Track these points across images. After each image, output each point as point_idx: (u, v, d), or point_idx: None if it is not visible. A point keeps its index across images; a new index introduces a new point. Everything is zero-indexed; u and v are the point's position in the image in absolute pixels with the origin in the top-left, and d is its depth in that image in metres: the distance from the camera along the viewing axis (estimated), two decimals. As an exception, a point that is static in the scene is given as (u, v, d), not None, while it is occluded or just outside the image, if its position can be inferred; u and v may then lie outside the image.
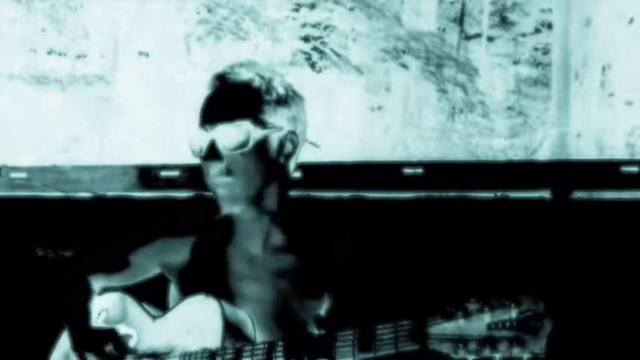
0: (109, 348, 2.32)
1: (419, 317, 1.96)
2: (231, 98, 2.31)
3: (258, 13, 3.54)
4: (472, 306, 1.92)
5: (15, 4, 3.66)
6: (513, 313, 1.89)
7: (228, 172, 2.29)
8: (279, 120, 2.32)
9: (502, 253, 3.21)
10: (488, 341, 1.89)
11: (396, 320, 2.00)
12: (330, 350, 2.05)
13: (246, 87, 2.32)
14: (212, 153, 2.28)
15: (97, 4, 3.63)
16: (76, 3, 3.64)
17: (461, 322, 1.92)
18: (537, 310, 1.88)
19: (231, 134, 2.28)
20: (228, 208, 2.33)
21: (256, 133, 2.29)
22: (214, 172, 2.29)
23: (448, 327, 1.93)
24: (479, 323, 1.90)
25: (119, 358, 2.32)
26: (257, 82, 2.33)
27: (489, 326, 1.90)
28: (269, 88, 2.33)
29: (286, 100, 2.35)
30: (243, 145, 2.28)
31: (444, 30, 3.47)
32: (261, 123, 2.30)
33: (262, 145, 2.30)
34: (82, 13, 3.64)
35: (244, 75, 2.34)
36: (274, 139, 2.32)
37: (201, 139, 2.31)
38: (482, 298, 1.92)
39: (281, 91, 2.35)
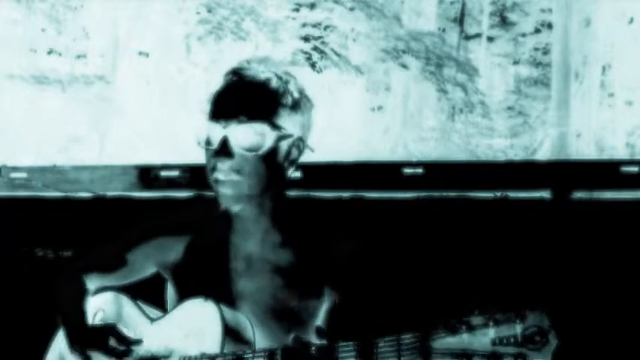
0: (112, 342, 2.30)
1: (422, 331, 1.94)
2: (249, 97, 2.30)
3: (259, 13, 3.54)
4: (476, 320, 1.89)
5: (15, 4, 3.66)
6: (518, 329, 1.86)
7: (237, 171, 2.27)
8: (291, 126, 2.32)
9: (502, 253, 3.21)
10: (493, 357, 1.87)
11: (397, 329, 1.98)
12: None
13: (263, 87, 2.30)
14: (224, 150, 2.26)
15: (97, 4, 3.63)
16: (76, 3, 3.64)
17: (465, 336, 1.89)
18: (542, 326, 1.86)
19: (246, 135, 2.26)
20: (229, 205, 2.33)
21: (270, 138, 2.28)
22: (222, 167, 2.27)
23: (452, 341, 1.90)
24: (483, 338, 1.88)
25: (125, 351, 2.31)
26: (274, 83, 2.32)
27: (494, 342, 1.87)
28: (285, 92, 2.32)
29: (299, 105, 2.34)
30: (257, 148, 2.27)
31: (444, 30, 3.47)
32: (276, 128, 2.29)
33: (274, 150, 2.30)
34: (82, 13, 3.64)
35: (262, 74, 2.32)
36: (284, 145, 2.31)
37: (213, 132, 2.29)
38: (487, 312, 1.89)
39: (296, 95, 2.33)
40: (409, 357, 1.95)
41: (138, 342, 2.32)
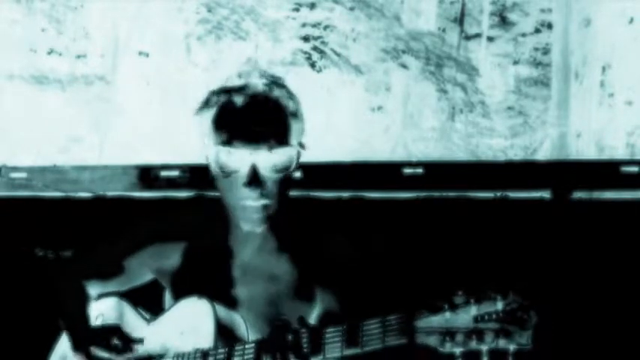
0: (115, 340, 2.32)
1: (406, 311, 1.96)
2: (265, 118, 2.24)
3: (259, 12, 3.54)
4: (459, 299, 1.93)
5: (15, 4, 3.66)
6: (499, 305, 1.89)
7: (267, 195, 2.25)
8: (298, 134, 2.29)
9: (502, 253, 3.21)
10: (475, 333, 1.89)
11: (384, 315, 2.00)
12: (318, 346, 2.06)
13: (270, 102, 2.25)
14: (255, 178, 2.21)
15: (97, 4, 3.63)
16: (76, 3, 3.64)
17: (447, 314, 1.92)
18: (523, 302, 1.88)
19: (275, 160, 2.23)
20: (254, 228, 2.31)
21: (295, 158, 2.26)
22: (253, 195, 2.23)
23: (435, 320, 1.93)
24: (465, 316, 1.91)
25: (127, 349, 2.32)
26: (276, 93, 2.27)
27: (476, 318, 1.90)
28: (286, 100, 2.27)
29: (297, 109, 2.31)
30: (286, 169, 2.25)
31: (444, 30, 3.47)
32: (298, 146, 2.27)
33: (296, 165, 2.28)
34: (82, 13, 3.64)
35: (262, 87, 2.26)
36: (299, 157, 2.30)
37: (235, 159, 2.23)
38: (469, 291, 1.92)
39: (293, 98, 2.31)
40: (394, 337, 1.98)
41: (140, 340, 2.34)
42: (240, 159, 2.23)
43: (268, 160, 2.23)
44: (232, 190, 2.25)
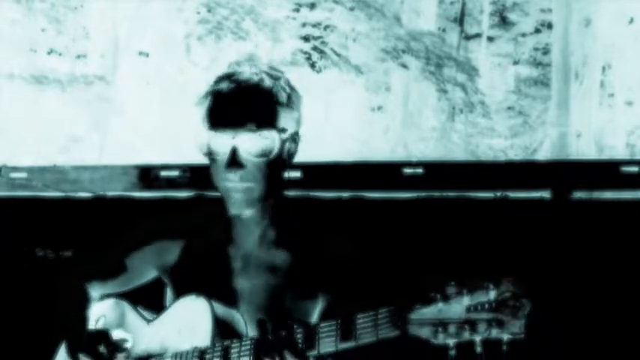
0: (102, 348, 2.32)
1: (399, 304, 1.96)
2: (251, 103, 2.29)
3: (259, 12, 3.55)
4: (451, 289, 1.91)
5: (15, 4, 3.66)
6: (492, 295, 1.88)
7: (249, 178, 2.28)
8: (288, 123, 2.33)
9: (502, 253, 3.21)
10: (468, 324, 1.88)
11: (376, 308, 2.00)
12: (312, 342, 2.06)
13: (261, 90, 2.30)
14: (235, 161, 2.26)
15: (97, 4, 3.63)
16: (76, 3, 3.64)
17: (440, 305, 1.91)
18: (515, 291, 1.87)
19: (256, 143, 2.27)
20: (240, 211, 2.33)
21: (278, 142, 2.29)
22: (234, 178, 2.28)
23: (428, 312, 1.92)
24: (458, 306, 1.90)
25: (109, 357, 2.32)
26: (268, 83, 2.31)
27: (468, 309, 1.88)
28: (279, 90, 2.32)
29: (292, 100, 2.35)
30: (268, 153, 2.28)
31: (444, 30, 3.47)
32: (281, 131, 2.30)
33: (280, 151, 2.31)
34: (82, 13, 3.64)
35: (255, 76, 2.32)
36: (286, 144, 2.33)
37: (219, 141, 2.28)
38: (462, 282, 1.91)
39: (288, 90, 2.34)
40: (387, 329, 1.97)
41: (123, 349, 2.34)
42: (222, 142, 2.28)
43: (249, 143, 2.27)
44: (218, 173, 2.30)
